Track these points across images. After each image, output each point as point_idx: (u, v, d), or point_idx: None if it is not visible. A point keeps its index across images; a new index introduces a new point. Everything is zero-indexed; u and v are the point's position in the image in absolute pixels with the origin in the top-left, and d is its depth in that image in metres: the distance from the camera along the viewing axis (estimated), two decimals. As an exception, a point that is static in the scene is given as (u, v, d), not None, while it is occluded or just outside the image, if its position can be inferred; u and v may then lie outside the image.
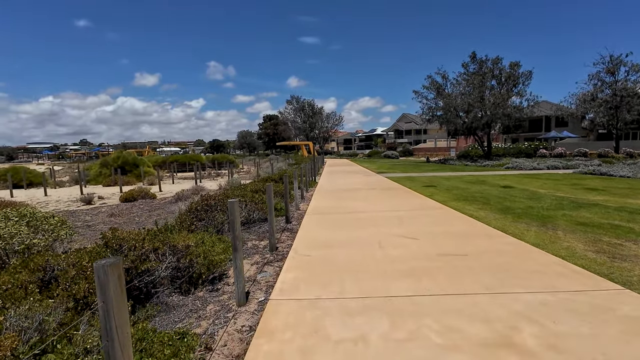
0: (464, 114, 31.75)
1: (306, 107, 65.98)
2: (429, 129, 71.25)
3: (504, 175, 17.86)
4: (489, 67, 29.77)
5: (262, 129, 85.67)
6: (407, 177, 17.45)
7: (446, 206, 8.62)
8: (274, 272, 4.50)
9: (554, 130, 46.94)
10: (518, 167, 22.51)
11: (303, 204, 10.33)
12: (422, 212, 7.88)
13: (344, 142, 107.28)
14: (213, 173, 27.73)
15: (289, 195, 9.22)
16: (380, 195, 11.08)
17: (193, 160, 33.71)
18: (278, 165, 26.69)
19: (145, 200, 13.84)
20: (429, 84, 33.01)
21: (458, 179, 15.78)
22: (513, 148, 37.85)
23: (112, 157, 24.05)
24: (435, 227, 6.39)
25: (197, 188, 16.13)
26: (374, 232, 6.14)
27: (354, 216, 7.71)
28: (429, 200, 9.63)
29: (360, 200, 10.09)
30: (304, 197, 11.50)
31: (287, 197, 7.41)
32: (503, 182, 14.27)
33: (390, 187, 13.04)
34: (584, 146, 37.34)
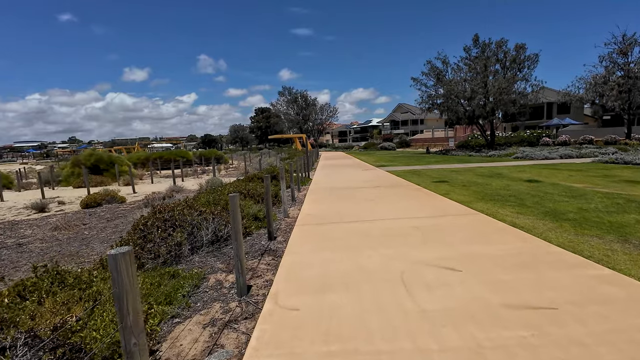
0: (466, 101, 29.94)
1: (299, 99, 63.66)
2: (426, 119, 69.48)
3: (519, 166, 16.15)
4: (492, 49, 27.87)
5: (254, 122, 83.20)
6: (411, 171, 15.66)
7: (472, 209, 6.83)
8: (236, 350, 2.65)
9: (556, 117, 45.47)
10: (528, 156, 20.85)
11: (293, 208, 8.47)
12: (446, 220, 6.07)
13: (339, 135, 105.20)
14: (199, 170, 25.68)
15: (272, 200, 7.33)
16: (386, 194, 9.26)
17: (178, 157, 31.57)
18: (269, 160, 24.75)
19: (111, 206, 11.87)
20: (428, 70, 31.07)
21: (470, 172, 14.01)
22: (515, 137, 36.23)
23: (84, 155, 21.87)
24: (476, 245, 4.58)
25: (174, 189, 14.20)
26: (390, 255, 4.32)
27: (358, 227, 5.88)
28: (447, 201, 7.83)
29: (362, 201, 8.27)
30: (295, 198, 9.63)
31: (270, 205, 5.54)
32: (523, 174, 12.53)
33: (396, 184, 11.23)
34: (588, 133, 35.87)
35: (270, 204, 5.56)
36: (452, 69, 30.66)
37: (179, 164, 30.35)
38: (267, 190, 5.50)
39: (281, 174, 7.36)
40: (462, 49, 30.07)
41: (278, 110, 66.01)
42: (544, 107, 45.76)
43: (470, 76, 29.30)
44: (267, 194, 5.50)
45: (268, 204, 5.53)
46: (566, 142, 33.71)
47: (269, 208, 5.55)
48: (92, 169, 21.66)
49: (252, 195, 8.67)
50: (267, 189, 5.50)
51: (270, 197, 5.57)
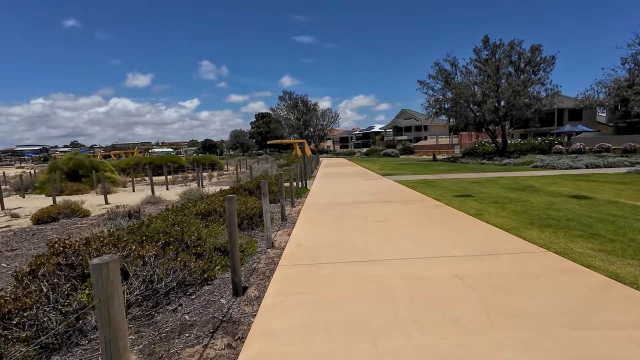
0: (476, 105, 28.07)
1: (300, 104, 62.02)
2: (430, 125, 67.71)
3: (544, 177, 14.18)
4: (505, 51, 26.06)
5: (254, 128, 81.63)
6: (423, 182, 13.71)
7: (529, 242, 4.87)
8: None
9: (568, 124, 43.56)
10: (549, 165, 18.88)
11: (282, 232, 6.51)
12: (504, 264, 4.09)
13: (340, 141, 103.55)
14: (191, 177, 23.77)
15: (256, 221, 5.36)
16: (400, 213, 7.29)
17: (170, 162, 29.74)
18: (265, 167, 22.86)
19: (69, 221, 9.94)
20: (435, 73, 29.28)
21: (493, 184, 12.05)
22: (525, 144, 34.31)
23: (62, 159, 20.04)
24: (587, 331, 2.61)
25: (151, 199, 12.28)
26: (435, 352, 2.36)
27: (368, 274, 3.91)
28: (486, 227, 5.86)
29: (371, 224, 6.31)
30: (287, 217, 7.68)
31: (234, 242, 3.58)
32: (560, 188, 10.56)
33: (409, 199, 9.26)
34: (603, 140, 33.94)
35: (235, 240, 3.60)
36: (461, 71, 28.88)
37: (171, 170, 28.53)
38: (231, 220, 3.55)
39: (263, 189, 5.42)
40: (472, 51, 28.33)
41: (278, 115, 64.35)
42: (554, 113, 43.90)
43: (481, 79, 27.48)
44: (231, 226, 3.55)
45: (233, 239, 3.58)
46: (581, 151, 31.73)
47: (234, 246, 3.59)
48: (71, 175, 19.83)
49: (230, 215, 6.73)
50: (231, 219, 3.54)
51: (236, 229, 3.61)
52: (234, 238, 3.57)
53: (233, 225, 3.55)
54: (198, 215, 6.38)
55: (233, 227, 3.55)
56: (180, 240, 4.54)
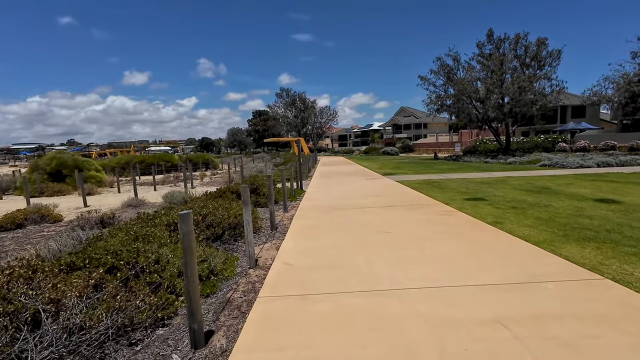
0: (479, 102, 27.12)
1: (297, 101, 60.92)
2: (430, 123, 66.75)
3: (556, 177, 13.25)
4: (511, 43, 25.08)
5: (251, 126, 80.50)
6: (427, 182, 12.75)
7: (571, 261, 3.92)
8: None
9: (571, 121, 42.67)
10: (559, 164, 17.96)
11: (270, 244, 5.54)
12: (552, 298, 3.14)
13: (339, 139, 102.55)
14: (183, 176, 22.71)
15: (237, 232, 4.35)
16: (407, 221, 6.33)
17: (162, 161, 28.70)
18: (259, 165, 21.85)
19: (36, 227, 8.95)
20: (437, 68, 28.29)
21: (505, 185, 11.10)
22: (528, 142, 33.42)
23: (44, 158, 18.97)
24: None
25: (133, 202, 11.27)
26: None
27: (382, 313, 2.95)
28: (512, 240, 4.90)
29: (374, 235, 5.34)
30: (276, 226, 6.70)
31: (193, 279, 2.59)
32: (578, 189, 9.62)
33: (415, 203, 8.30)
34: (608, 138, 33.09)
35: (193, 272, 2.61)
36: (464, 67, 27.89)
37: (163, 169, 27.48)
38: (186, 244, 2.55)
39: (244, 196, 4.43)
40: (475, 46, 27.34)
41: (276, 112, 63.24)
42: (557, 110, 43.01)
43: (484, 75, 26.51)
44: (187, 253, 2.55)
45: (189, 270, 2.59)
46: (585, 148, 30.84)
47: (191, 281, 2.60)
48: (54, 175, 18.76)
49: (210, 225, 5.76)
50: (186, 243, 2.54)
51: (194, 257, 2.62)
52: (191, 270, 2.58)
53: (189, 253, 2.56)
54: (170, 225, 5.40)
55: (189, 254, 2.57)
56: (134, 264, 3.55)
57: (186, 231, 2.53)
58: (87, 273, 3.14)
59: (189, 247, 2.55)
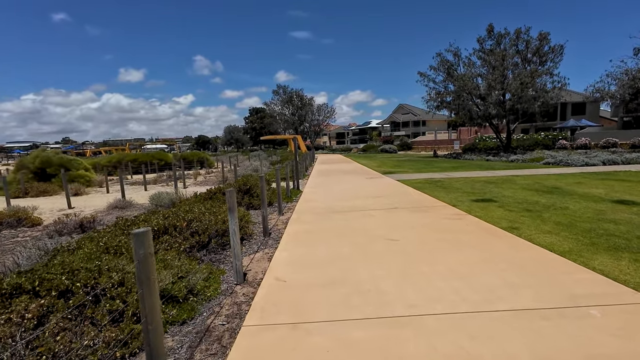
0: (479, 99, 26.58)
1: (294, 98, 60.16)
2: (429, 121, 66.26)
3: (564, 175, 12.73)
4: (512, 39, 24.53)
5: (248, 123, 79.66)
6: (429, 181, 12.20)
7: (622, 285, 3.36)
8: None
9: (572, 118, 42.29)
10: (563, 162, 17.46)
11: (261, 253, 4.95)
12: (622, 344, 2.56)
13: (337, 136, 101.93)
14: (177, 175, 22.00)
15: (222, 242, 3.74)
16: (414, 226, 5.76)
17: (156, 159, 27.98)
18: (255, 164, 21.21)
19: (14, 231, 8.31)
20: (437, 64, 27.70)
21: (512, 184, 10.56)
22: (528, 139, 33.03)
23: (29, 157, 18.22)
24: None
25: (119, 204, 10.64)
26: None
27: (396, 351, 2.36)
28: (536, 251, 4.34)
29: (379, 243, 4.76)
30: (269, 231, 6.10)
31: (155, 326, 1.98)
32: (591, 189, 9.09)
33: (420, 204, 7.73)
34: (609, 135, 32.73)
35: (155, 318, 2.02)
36: (464, 63, 27.32)
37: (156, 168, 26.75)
38: (142, 275, 1.94)
39: (229, 202, 3.83)
40: (476, 41, 26.78)
41: (272, 110, 62.45)
42: (557, 107, 42.59)
43: (485, 71, 25.96)
44: (145, 285, 1.95)
45: (150, 313, 1.99)
46: (586, 146, 30.46)
47: (152, 329, 2.00)
48: (40, 174, 18.04)
49: (196, 232, 5.15)
50: (142, 273, 1.94)
51: (156, 290, 2.02)
52: (151, 309, 1.98)
53: (148, 285, 1.96)
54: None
55: (148, 287, 1.96)
56: (94, 286, 2.95)
57: (143, 256, 1.93)
58: (28, 300, 2.53)
59: (147, 278, 1.95)
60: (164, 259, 3.89)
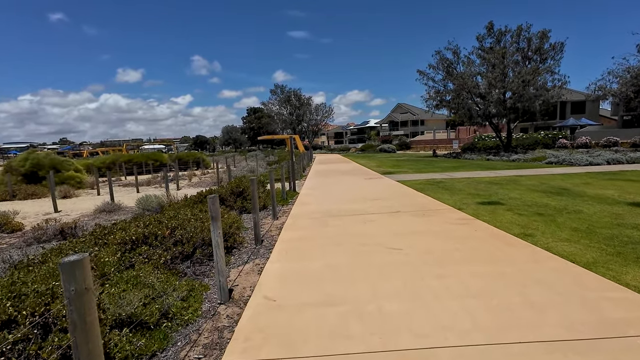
0: (479, 97, 26.17)
1: (292, 98, 59.64)
2: (427, 120, 65.89)
3: (570, 175, 12.31)
4: (513, 35, 24.13)
5: (245, 123, 79.09)
6: (431, 182, 11.76)
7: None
8: None
9: (571, 117, 41.99)
10: (566, 162, 17.07)
11: (251, 264, 4.49)
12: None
13: (335, 136, 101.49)
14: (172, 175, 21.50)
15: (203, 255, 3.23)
16: (422, 235, 5.30)
17: (151, 160, 27.45)
18: (252, 164, 20.73)
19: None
20: (436, 62, 27.29)
21: (517, 186, 10.13)
22: (528, 138, 32.70)
23: (18, 159, 17.67)
24: None
25: (107, 207, 10.15)
26: None
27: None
28: (559, 264, 3.89)
29: (381, 254, 4.31)
30: (261, 238, 5.63)
31: None
32: (601, 191, 8.67)
33: (424, 208, 7.28)
34: (609, 134, 32.43)
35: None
36: (463, 61, 26.89)
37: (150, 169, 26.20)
38: (81, 332, 1.48)
39: (212, 209, 3.36)
40: (475, 39, 26.37)
41: (270, 109, 61.91)
42: (557, 106, 42.26)
43: (485, 69, 25.55)
44: (78, 347, 1.49)
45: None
46: (587, 145, 30.11)
47: None
48: (29, 176, 17.50)
49: (180, 241, 4.68)
50: (80, 329, 1.47)
51: (97, 336, 1.55)
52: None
53: (87, 332, 1.49)
54: (125, 244, 4.31)
55: (87, 334, 1.49)
56: (43, 313, 2.47)
57: (75, 293, 1.45)
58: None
59: (82, 320, 1.47)
60: (137, 275, 3.42)
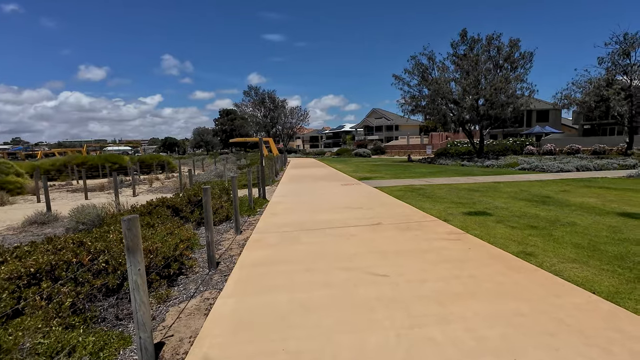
0: (454, 104, 26.39)
1: (267, 100, 58.28)
2: (402, 125, 66.78)
3: (546, 181, 12.19)
4: (483, 45, 24.55)
5: (218, 125, 76.50)
6: (410, 189, 11.16)
7: None
8: None
9: (537, 125, 43.89)
10: (538, 168, 17.23)
11: (199, 298, 3.46)
12: None
13: (310, 140, 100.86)
14: (126, 181, 19.62)
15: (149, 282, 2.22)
16: (409, 257, 4.51)
17: (109, 163, 25.22)
18: (220, 169, 19.36)
19: None
20: (412, 67, 27.25)
21: (499, 193, 9.71)
22: (498, 144, 33.62)
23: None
24: None
25: (38, 218, 8.62)
26: None
27: None
28: (581, 297, 3.20)
29: (366, 285, 3.46)
30: (217, 261, 4.59)
31: None
32: (584, 199, 8.37)
33: (407, 220, 6.53)
34: (572, 142, 34.10)
35: None
36: (438, 67, 27.06)
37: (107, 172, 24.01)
38: None
39: (128, 236, 2.34)
40: (450, 45, 26.62)
41: (244, 111, 60.12)
42: (524, 114, 44.06)
43: (459, 75, 25.81)
44: None
45: None
46: (552, 152, 31.43)
47: None
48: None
49: (104, 269, 3.56)
50: None
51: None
52: None
53: None
54: (20, 278, 3.14)
55: None
56: None
57: None
58: None
59: None
60: (15, 335, 2.31)
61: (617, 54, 22.38)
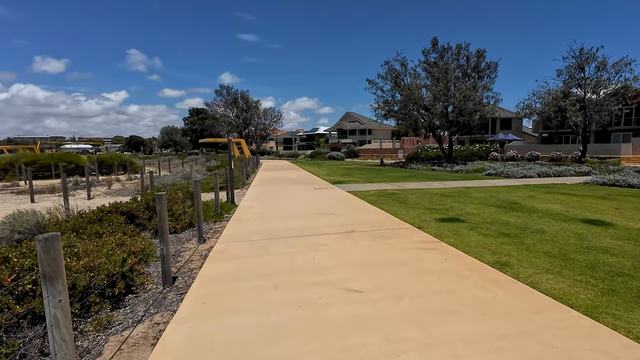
0: (425, 110, 27.05)
1: (239, 100, 56.97)
2: (375, 130, 67.91)
3: (511, 187, 12.60)
4: (454, 52, 25.39)
5: (187, 124, 73.76)
6: (383, 193, 11.08)
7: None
8: None
9: (501, 132, 46.19)
10: (504, 174, 17.93)
11: (146, 324, 2.96)
12: None
13: (284, 142, 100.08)
14: (82, 183, 18.10)
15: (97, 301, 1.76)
16: (384, 268, 4.27)
17: (64, 162, 23.29)
18: (187, 170, 18.39)
19: None
20: (385, 72, 27.63)
21: (470, 199, 9.84)
22: (465, 150, 34.98)
23: None
24: None
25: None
26: None
27: None
28: (560, 313, 3.08)
29: (340, 303, 3.15)
30: (174, 276, 4.11)
31: None
32: (548, 205, 8.64)
33: (382, 227, 6.33)
34: (532, 149, 36.19)
35: None
36: (410, 74, 27.65)
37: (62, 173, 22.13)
38: None
39: (45, 259, 1.87)
40: (421, 53, 27.28)
41: (215, 111, 58.35)
42: (489, 121, 46.22)
43: (430, 82, 26.50)
44: None
45: None
46: (514, 158, 33.15)
47: None
48: None
49: (31, 291, 2.98)
50: None
51: None
52: None
53: None
54: None
55: None
56: None
57: None
58: None
59: None
60: None
61: (573, 68, 23.95)
